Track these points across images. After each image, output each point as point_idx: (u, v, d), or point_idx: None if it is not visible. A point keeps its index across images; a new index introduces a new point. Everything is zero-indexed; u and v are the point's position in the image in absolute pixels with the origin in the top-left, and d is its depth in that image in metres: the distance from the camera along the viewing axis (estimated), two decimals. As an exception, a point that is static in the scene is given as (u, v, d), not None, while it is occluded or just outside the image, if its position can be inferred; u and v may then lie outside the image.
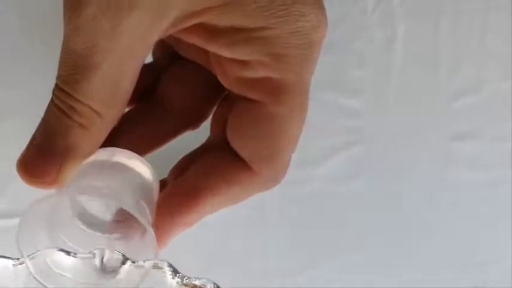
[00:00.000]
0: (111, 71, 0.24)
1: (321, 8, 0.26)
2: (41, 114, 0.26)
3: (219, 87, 0.29)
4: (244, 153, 0.28)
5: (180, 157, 0.31)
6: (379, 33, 0.38)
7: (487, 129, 0.41)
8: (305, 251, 0.44)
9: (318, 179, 0.41)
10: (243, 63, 0.26)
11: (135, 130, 0.29)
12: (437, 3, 0.38)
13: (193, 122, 0.31)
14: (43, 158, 0.25)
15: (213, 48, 0.26)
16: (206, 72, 0.29)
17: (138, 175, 0.27)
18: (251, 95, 0.27)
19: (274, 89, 0.26)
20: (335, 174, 0.41)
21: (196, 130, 0.31)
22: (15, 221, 0.40)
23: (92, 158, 0.26)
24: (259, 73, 0.26)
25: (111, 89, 0.25)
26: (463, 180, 0.43)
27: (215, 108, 0.30)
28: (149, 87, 0.30)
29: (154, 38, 0.25)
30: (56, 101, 0.25)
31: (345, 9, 0.38)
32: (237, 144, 0.28)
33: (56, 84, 0.25)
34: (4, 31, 0.36)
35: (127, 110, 0.29)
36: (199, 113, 0.30)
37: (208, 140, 0.30)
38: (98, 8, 0.23)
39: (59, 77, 0.25)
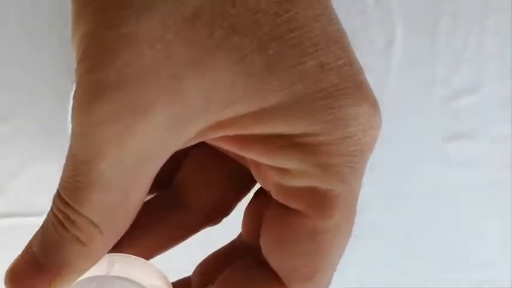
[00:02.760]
0: (117, 181, 0.21)
1: (374, 107, 0.22)
2: (41, 114, 0.26)
3: (249, 179, 0.25)
4: (279, 270, 0.24)
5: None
6: (378, 35, 0.38)
7: (486, 130, 0.41)
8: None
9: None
10: (283, 171, 0.22)
11: (148, 226, 0.26)
12: (435, 5, 0.38)
13: (215, 217, 0.26)
14: (34, 270, 0.23)
15: (247, 155, 0.23)
16: (235, 161, 0.26)
17: None
18: (292, 204, 0.23)
19: (320, 201, 0.22)
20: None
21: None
22: (15, 220, 0.40)
23: (89, 272, 0.23)
24: (303, 182, 0.22)
25: (115, 201, 0.22)
26: (462, 181, 0.43)
27: (249, 200, 0.26)
28: (168, 174, 0.27)
29: (171, 150, 0.22)
30: (55, 210, 0.23)
31: (343, 11, 0.38)
32: (271, 257, 0.24)
33: (57, 191, 0.23)
34: (4, 32, 0.36)
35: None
36: (222, 207, 0.26)
37: (240, 238, 0.26)
38: (108, 113, 0.20)
39: (60, 183, 0.22)
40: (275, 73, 0.21)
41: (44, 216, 0.24)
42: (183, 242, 0.27)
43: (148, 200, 0.26)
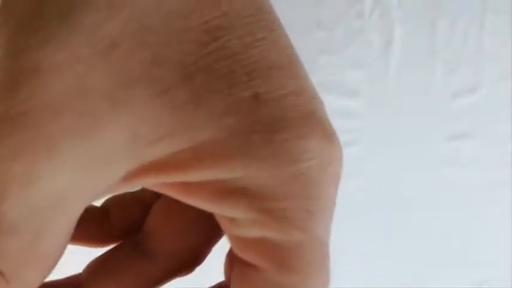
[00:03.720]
0: (23, 224, 0.19)
1: (330, 139, 0.19)
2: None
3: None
4: None
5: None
6: (377, 35, 0.38)
7: (486, 130, 0.41)
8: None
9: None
10: (232, 221, 0.19)
11: (113, 274, 0.23)
12: (434, 5, 0.38)
13: (186, 266, 0.23)
14: None
15: (193, 203, 0.20)
16: None
17: None
18: (249, 258, 0.20)
19: (276, 254, 0.19)
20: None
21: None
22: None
23: None
24: (254, 233, 0.19)
25: (22, 247, 0.19)
26: (462, 181, 0.43)
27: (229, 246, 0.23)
28: (135, 220, 0.24)
29: (89, 194, 0.19)
30: None
31: (342, 12, 0.38)
32: None
33: None
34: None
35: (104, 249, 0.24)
36: (193, 255, 0.23)
37: (224, 283, 0.23)
38: (11, 148, 0.18)
39: None
40: (202, 106, 0.18)
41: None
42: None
43: (116, 246, 0.24)
